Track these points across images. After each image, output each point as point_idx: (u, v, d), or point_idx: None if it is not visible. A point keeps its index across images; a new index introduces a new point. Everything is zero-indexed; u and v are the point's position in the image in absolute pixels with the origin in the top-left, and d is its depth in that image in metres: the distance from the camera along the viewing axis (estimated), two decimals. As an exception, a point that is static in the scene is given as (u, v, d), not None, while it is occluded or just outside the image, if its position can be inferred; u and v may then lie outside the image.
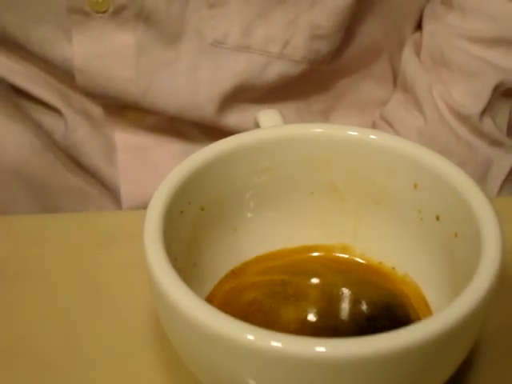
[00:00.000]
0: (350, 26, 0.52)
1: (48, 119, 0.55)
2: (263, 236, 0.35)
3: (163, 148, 0.54)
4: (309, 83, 0.54)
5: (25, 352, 0.35)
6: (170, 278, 0.27)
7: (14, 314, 0.37)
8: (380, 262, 0.35)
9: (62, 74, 0.51)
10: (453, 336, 0.26)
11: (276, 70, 0.51)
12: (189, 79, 0.51)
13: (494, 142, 0.53)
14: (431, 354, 0.26)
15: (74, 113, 0.53)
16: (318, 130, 0.34)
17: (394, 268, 0.35)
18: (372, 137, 0.33)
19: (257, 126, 0.36)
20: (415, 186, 0.33)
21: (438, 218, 0.32)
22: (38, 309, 0.37)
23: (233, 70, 0.50)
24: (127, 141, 0.54)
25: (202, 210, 0.33)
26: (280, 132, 0.34)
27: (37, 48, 0.50)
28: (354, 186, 0.35)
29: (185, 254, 0.32)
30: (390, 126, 0.55)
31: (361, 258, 0.36)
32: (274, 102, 0.53)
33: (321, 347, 0.25)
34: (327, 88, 0.55)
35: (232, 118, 0.53)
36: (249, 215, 0.35)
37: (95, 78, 0.50)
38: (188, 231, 0.32)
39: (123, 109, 0.53)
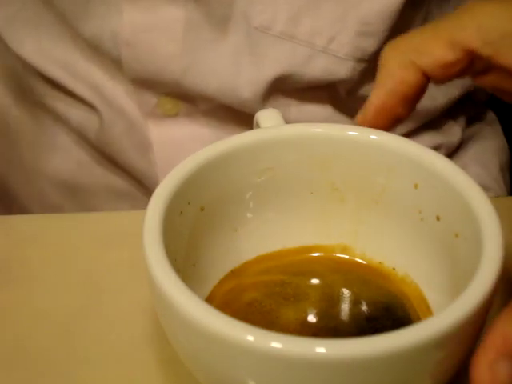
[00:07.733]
0: (394, 27, 0.51)
1: (80, 115, 0.54)
2: (263, 236, 0.35)
3: (199, 142, 0.54)
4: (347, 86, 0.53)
5: (24, 352, 0.35)
6: (169, 278, 0.27)
7: (13, 314, 0.37)
8: (380, 263, 0.35)
9: (106, 54, 0.51)
10: (453, 337, 0.26)
11: (319, 65, 0.50)
12: (231, 61, 0.50)
13: None
14: (432, 354, 0.26)
15: (110, 109, 0.53)
16: (317, 129, 0.34)
17: (394, 268, 0.35)
18: (372, 137, 0.33)
19: (257, 125, 0.36)
20: (415, 186, 0.33)
21: (438, 218, 0.32)
22: (37, 309, 0.37)
23: (276, 58, 0.50)
24: (162, 136, 0.54)
25: (202, 210, 0.33)
26: (280, 132, 0.34)
27: (86, 25, 0.50)
28: (353, 186, 0.35)
29: (185, 254, 0.32)
30: None
31: (361, 259, 0.36)
32: (313, 102, 0.53)
33: (321, 348, 0.25)
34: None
35: None
36: (249, 215, 0.35)
37: (140, 51, 0.50)
38: (188, 231, 0.32)
39: (157, 100, 0.52)
